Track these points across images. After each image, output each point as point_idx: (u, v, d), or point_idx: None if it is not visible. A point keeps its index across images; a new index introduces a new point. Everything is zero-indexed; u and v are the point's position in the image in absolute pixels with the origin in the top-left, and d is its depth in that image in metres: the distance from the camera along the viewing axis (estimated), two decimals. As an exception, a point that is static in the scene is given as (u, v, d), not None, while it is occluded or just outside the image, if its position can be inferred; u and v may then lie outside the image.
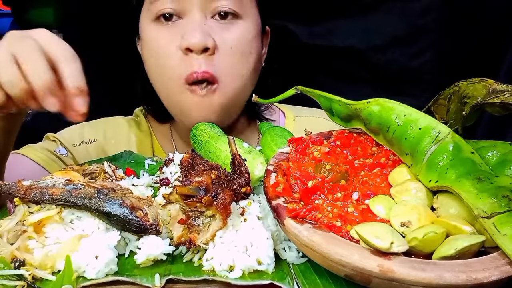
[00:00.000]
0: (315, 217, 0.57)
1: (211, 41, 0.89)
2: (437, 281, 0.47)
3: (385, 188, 0.61)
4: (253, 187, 0.71)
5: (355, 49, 1.33)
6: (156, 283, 0.56)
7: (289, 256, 0.62)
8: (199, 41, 0.88)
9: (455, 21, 1.28)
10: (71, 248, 0.59)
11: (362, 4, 1.33)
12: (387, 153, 0.65)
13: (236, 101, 0.96)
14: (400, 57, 1.32)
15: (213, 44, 0.89)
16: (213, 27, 0.91)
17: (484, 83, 0.63)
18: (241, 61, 0.94)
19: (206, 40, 0.88)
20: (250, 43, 0.95)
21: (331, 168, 0.62)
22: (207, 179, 0.60)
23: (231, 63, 0.92)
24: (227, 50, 0.92)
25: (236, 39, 0.93)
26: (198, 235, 0.60)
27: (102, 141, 1.06)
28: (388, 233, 0.51)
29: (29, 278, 0.57)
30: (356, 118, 0.68)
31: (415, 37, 1.30)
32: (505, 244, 0.48)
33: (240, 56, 0.93)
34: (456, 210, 0.56)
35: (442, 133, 0.59)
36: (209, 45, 0.89)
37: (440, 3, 1.27)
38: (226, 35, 0.92)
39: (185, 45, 0.89)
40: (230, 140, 0.72)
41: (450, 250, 0.50)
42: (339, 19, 1.34)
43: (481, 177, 0.54)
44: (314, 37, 1.36)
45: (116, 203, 0.62)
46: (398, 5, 1.30)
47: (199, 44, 0.88)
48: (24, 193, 0.64)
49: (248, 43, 0.94)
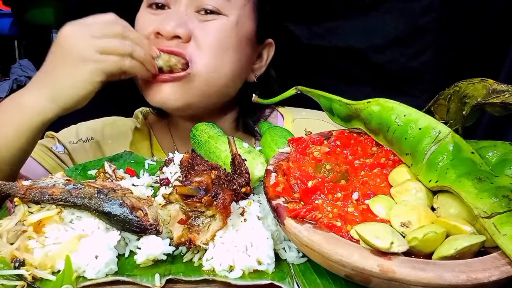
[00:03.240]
0: (315, 217, 0.57)
1: (183, 30, 0.91)
2: (437, 281, 0.47)
3: (385, 188, 0.61)
4: (253, 187, 0.71)
5: (355, 49, 1.33)
6: (156, 283, 0.56)
7: (289, 256, 0.62)
8: (171, 28, 0.90)
9: (455, 21, 1.28)
10: (71, 248, 0.59)
11: (362, 4, 1.32)
12: (387, 153, 0.65)
13: (208, 90, 0.96)
14: (400, 57, 1.32)
15: (186, 33, 0.91)
16: (194, 20, 0.93)
17: (484, 83, 0.63)
18: (216, 52, 0.94)
19: (177, 29, 0.91)
20: (227, 37, 0.95)
21: (331, 168, 0.62)
22: (207, 179, 0.60)
23: (206, 50, 0.93)
24: (203, 40, 0.93)
25: (213, 30, 0.94)
26: (198, 235, 0.60)
27: (100, 140, 1.06)
28: (388, 233, 0.51)
29: (29, 278, 0.56)
30: (356, 118, 0.68)
31: (415, 37, 1.30)
32: (505, 244, 0.48)
33: (215, 48, 0.94)
34: (456, 210, 0.56)
35: (442, 133, 0.59)
36: (180, 33, 0.91)
37: (440, 3, 1.27)
38: (204, 27, 0.93)
39: (156, 29, 0.92)
40: (230, 140, 0.72)
41: (450, 250, 0.50)
42: (339, 19, 1.34)
43: (481, 177, 0.54)
44: (314, 37, 1.35)
45: (116, 203, 0.62)
46: (398, 5, 1.30)
47: (169, 31, 0.90)
48: (24, 193, 0.64)
49: (225, 37, 0.95)
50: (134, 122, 1.14)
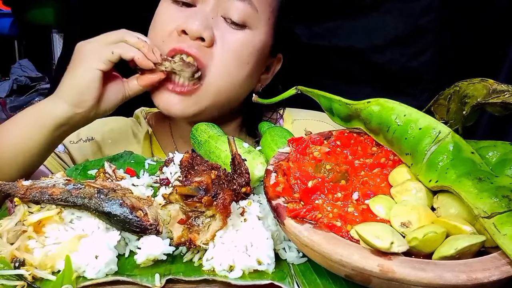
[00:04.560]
0: (315, 217, 0.57)
1: (208, 33, 0.90)
2: (437, 281, 0.47)
3: (385, 188, 0.61)
4: (253, 187, 0.71)
5: (355, 49, 1.33)
6: (156, 283, 0.56)
7: (289, 256, 0.62)
8: (197, 28, 0.89)
9: (455, 21, 1.28)
10: (71, 248, 0.59)
11: (362, 4, 1.32)
12: (387, 153, 0.65)
13: (217, 101, 0.95)
14: (400, 57, 1.32)
15: (210, 37, 0.90)
16: (219, 25, 0.92)
17: (485, 83, 0.63)
18: (235, 66, 0.93)
19: (204, 30, 0.89)
20: (250, 53, 0.95)
21: (331, 168, 0.62)
22: (207, 179, 0.60)
23: (225, 61, 0.92)
24: (225, 50, 0.92)
25: (237, 43, 0.93)
26: (198, 235, 0.60)
27: (100, 140, 1.07)
28: (388, 233, 0.51)
29: (29, 278, 0.57)
30: (356, 118, 0.68)
31: (415, 37, 1.30)
32: (505, 244, 0.48)
33: (235, 61, 0.93)
34: (456, 210, 0.56)
35: (442, 133, 0.59)
36: (205, 36, 0.89)
37: (440, 3, 1.27)
38: (229, 36, 0.92)
39: (182, 27, 0.90)
40: (230, 140, 0.72)
41: (450, 250, 0.50)
42: (339, 19, 1.34)
43: (481, 177, 0.54)
44: (314, 37, 1.35)
45: (116, 203, 0.62)
46: (398, 5, 1.30)
47: (195, 31, 0.89)
48: (24, 193, 0.64)
49: (247, 53, 0.94)
50: (135, 122, 1.14)
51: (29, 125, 0.84)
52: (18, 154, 0.83)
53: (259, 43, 0.96)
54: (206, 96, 0.93)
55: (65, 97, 0.84)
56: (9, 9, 3.82)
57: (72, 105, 0.84)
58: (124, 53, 0.85)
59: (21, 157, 0.83)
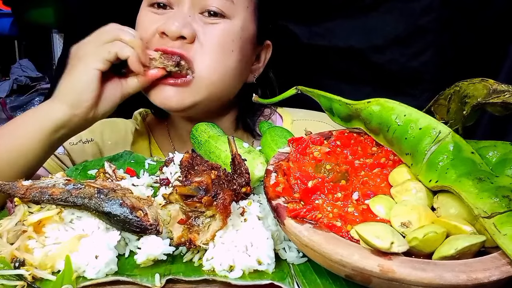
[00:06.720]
0: (315, 217, 0.57)
1: (188, 30, 0.91)
2: (437, 281, 0.47)
3: (385, 188, 0.61)
4: (253, 187, 0.71)
5: (355, 49, 1.33)
6: (156, 283, 0.56)
7: (289, 256, 0.62)
8: (176, 28, 0.90)
9: (455, 21, 1.28)
10: (71, 248, 0.59)
11: (362, 4, 1.32)
12: (387, 153, 0.65)
13: (212, 92, 0.96)
14: (400, 57, 1.31)
15: (190, 33, 0.91)
16: (198, 21, 0.93)
17: (485, 83, 0.63)
18: (220, 54, 0.94)
19: (183, 29, 0.90)
20: (232, 41, 0.95)
21: (331, 168, 0.62)
22: (207, 179, 0.60)
23: (209, 52, 0.93)
24: (207, 41, 0.93)
25: (218, 33, 0.94)
26: (198, 235, 0.60)
27: (99, 141, 1.07)
28: (388, 233, 0.51)
29: (29, 278, 0.57)
30: (356, 118, 0.68)
31: (415, 37, 1.30)
32: (506, 244, 0.48)
33: (219, 49, 0.94)
34: (456, 210, 0.56)
35: (442, 133, 0.59)
36: (185, 33, 0.90)
37: (440, 3, 1.27)
38: (209, 29, 0.94)
39: (161, 29, 0.91)
40: (230, 140, 0.72)
41: (450, 250, 0.50)
42: (339, 19, 1.34)
43: (481, 177, 0.54)
44: (314, 37, 1.35)
45: (116, 203, 0.62)
46: (398, 5, 1.30)
47: (174, 31, 0.90)
48: (24, 193, 0.64)
49: (229, 40, 0.95)
50: (133, 123, 1.15)
51: (28, 128, 0.84)
52: (19, 157, 0.83)
53: (240, 30, 0.97)
54: (200, 88, 0.94)
55: (63, 99, 0.84)
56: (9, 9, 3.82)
57: (70, 107, 0.84)
58: (120, 52, 0.86)
59: (22, 160, 0.83)
